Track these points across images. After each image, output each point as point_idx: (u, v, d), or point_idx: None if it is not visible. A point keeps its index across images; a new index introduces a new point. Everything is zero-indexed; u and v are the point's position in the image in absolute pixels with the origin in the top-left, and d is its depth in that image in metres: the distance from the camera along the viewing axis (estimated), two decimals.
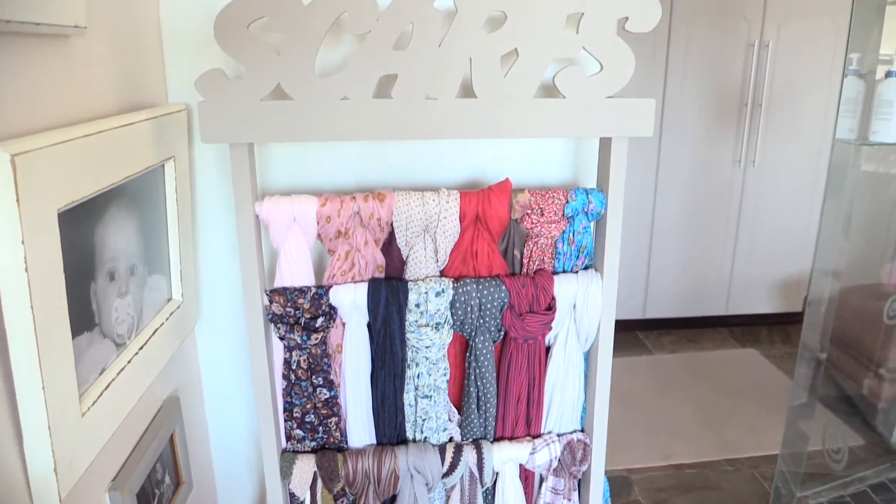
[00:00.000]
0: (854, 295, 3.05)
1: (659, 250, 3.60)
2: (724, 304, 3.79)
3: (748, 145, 3.51)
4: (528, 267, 1.33)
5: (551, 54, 1.18)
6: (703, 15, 3.30)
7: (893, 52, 3.32)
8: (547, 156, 1.42)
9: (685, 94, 3.39)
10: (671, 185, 3.52)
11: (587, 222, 1.31)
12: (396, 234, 1.28)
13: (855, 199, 2.83)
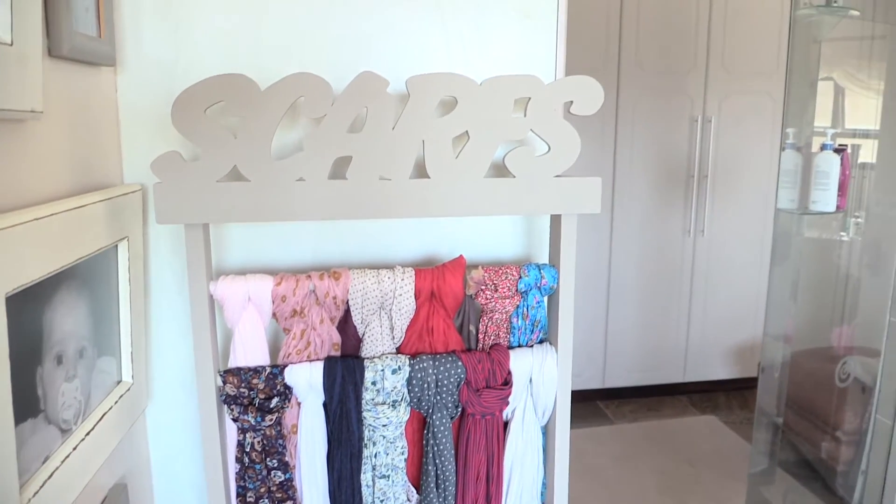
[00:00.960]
0: (806, 359, 3.13)
1: (616, 320, 3.66)
2: (682, 371, 3.84)
3: (696, 216, 3.64)
4: (484, 342, 1.34)
5: (501, 136, 1.23)
6: (648, 93, 3.47)
7: (827, 124, 3.52)
8: (500, 232, 1.46)
9: (634, 168, 3.52)
10: (625, 255, 3.61)
11: (540, 297, 1.34)
12: (352, 311, 1.29)
13: (800, 265, 2.94)
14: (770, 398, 2.76)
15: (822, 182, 2.22)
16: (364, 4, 1.34)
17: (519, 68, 1.42)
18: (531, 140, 1.30)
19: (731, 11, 3.52)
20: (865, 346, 2.84)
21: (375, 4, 1.35)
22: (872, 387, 2.68)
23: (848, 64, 3.47)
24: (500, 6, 1.40)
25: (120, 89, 1.31)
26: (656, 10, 3.42)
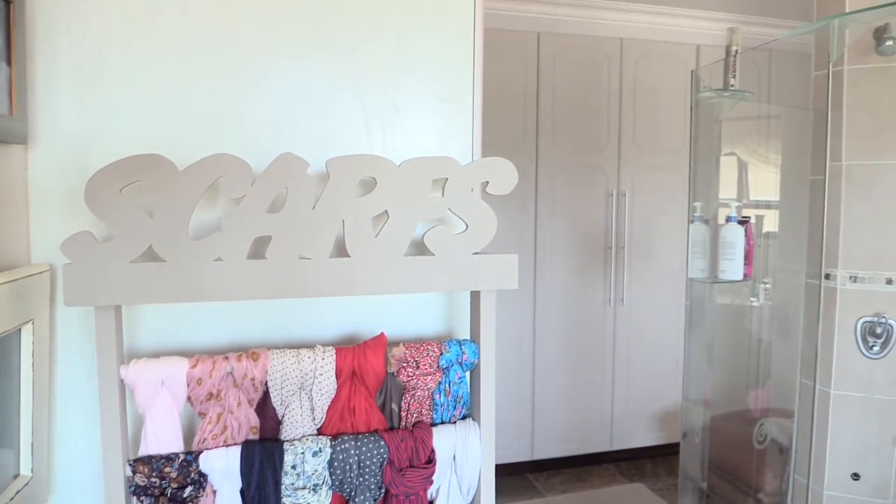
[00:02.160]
0: (726, 422, 3.22)
1: (542, 390, 3.69)
2: (609, 439, 3.87)
3: (616, 286, 3.76)
4: (407, 420, 1.33)
5: (420, 216, 1.25)
6: (565, 169, 3.62)
7: (732, 196, 3.73)
8: (421, 309, 1.47)
9: (555, 241, 3.63)
10: (549, 326, 3.67)
11: (462, 372, 1.34)
12: (271, 393, 1.26)
13: (715, 331, 3.05)
14: (693, 463, 2.81)
15: (728, 252, 2.34)
16: (285, 86, 1.37)
17: (438, 149, 1.46)
18: (450, 219, 1.34)
19: (639, 92, 3.75)
20: (780, 407, 2.95)
21: (296, 86, 1.38)
22: (789, 447, 2.78)
23: (749, 140, 3.73)
24: (418, 89, 1.45)
25: (31, 167, 1.28)
26: (570, 90, 3.60)
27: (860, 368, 2.58)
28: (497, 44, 3.46)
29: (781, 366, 2.95)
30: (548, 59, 3.56)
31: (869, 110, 2.51)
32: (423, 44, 1.46)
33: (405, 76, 1.45)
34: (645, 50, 3.73)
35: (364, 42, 1.41)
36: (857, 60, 2.51)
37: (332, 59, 1.39)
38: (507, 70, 3.51)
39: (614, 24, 3.65)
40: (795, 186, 2.81)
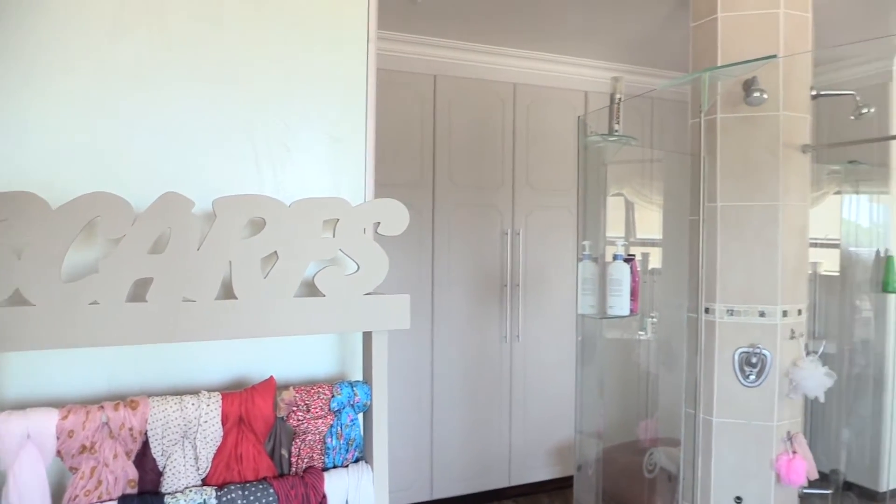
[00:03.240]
0: (618, 453, 3.31)
1: (441, 429, 3.68)
2: (507, 475, 3.90)
3: (512, 322, 3.84)
4: (297, 466, 1.29)
5: (310, 256, 1.24)
6: (461, 207, 3.68)
7: (620, 235, 3.91)
8: (312, 351, 1.45)
9: (452, 278, 3.67)
10: (447, 363, 3.68)
11: (354, 415, 1.32)
12: (151, 443, 1.20)
13: (606, 365, 3.16)
14: (588, 495, 2.87)
15: (615, 289, 2.44)
16: (171, 123, 1.33)
17: (330, 189, 1.45)
18: (341, 259, 1.33)
19: (532, 135, 3.89)
20: (668, 436, 3.06)
21: (183, 124, 1.34)
22: (677, 475, 2.89)
23: (634, 182, 3.93)
24: (310, 129, 1.45)
25: None
26: (466, 131, 3.69)
27: (739, 396, 2.72)
28: (394, 85, 3.51)
29: (668, 396, 3.08)
30: (444, 101, 3.64)
31: (740, 155, 2.71)
32: (316, 83, 1.46)
33: (297, 115, 1.45)
34: (537, 95, 3.88)
35: (255, 79, 1.40)
36: (729, 110, 2.71)
37: (221, 94, 1.37)
38: (405, 111, 3.56)
39: (508, 69, 3.79)
40: (676, 226, 2.97)
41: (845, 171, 3.76)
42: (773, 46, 2.54)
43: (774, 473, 2.72)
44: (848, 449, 3.99)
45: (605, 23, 3.32)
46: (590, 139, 2.64)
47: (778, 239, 2.69)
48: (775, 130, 2.68)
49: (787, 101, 2.68)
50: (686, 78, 2.66)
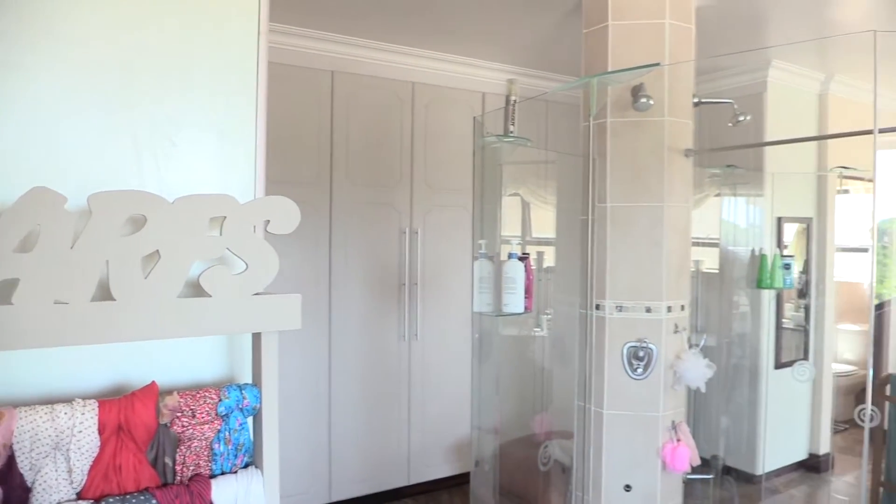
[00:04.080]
0: (514, 448, 3.38)
1: (339, 430, 3.64)
2: (406, 474, 3.90)
3: (410, 321, 3.84)
4: (182, 474, 1.24)
5: (195, 255, 1.19)
6: (359, 206, 3.64)
7: (515, 234, 3.99)
8: (198, 354, 1.39)
9: (350, 277, 3.63)
10: (344, 363, 3.64)
11: (243, 419, 1.28)
12: (18, 457, 1.11)
13: (502, 361, 3.22)
14: (486, 490, 2.91)
15: (510, 287, 2.49)
16: (43, 115, 1.24)
17: (219, 186, 1.40)
18: (229, 258, 1.29)
19: (430, 134, 3.91)
20: (562, 429, 3.15)
21: (58, 115, 1.25)
22: (570, 466, 2.97)
23: (530, 183, 4.02)
24: (197, 123, 1.39)
25: None
26: (364, 128, 3.66)
27: (627, 389, 2.84)
28: (291, 80, 3.43)
29: (562, 390, 3.17)
30: (342, 98, 3.59)
31: (628, 158, 2.82)
32: (204, 76, 1.41)
33: (183, 109, 1.38)
34: (435, 94, 3.90)
35: (138, 69, 1.33)
36: (619, 114, 2.81)
37: (100, 84, 1.29)
38: (302, 107, 3.49)
39: (406, 68, 3.79)
40: (569, 225, 3.06)
41: (724, 174, 4.00)
42: (659, 55, 2.66)
43: (660, 461, 2.85)
44: (727, 435, 4.25)
45: (502, 26, 3.38)
46: (486, 140, 2.68)
47: (663, 238, 2.82)
48: (660, 135, 2.80)
49: (672, 107, 2.81)
50: (576, 82, 2.74)
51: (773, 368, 4.29)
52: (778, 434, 4.37)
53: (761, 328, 4.23)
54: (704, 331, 4.11)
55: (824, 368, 4.56)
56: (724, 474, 4.17)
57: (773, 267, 3.82)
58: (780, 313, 4.31)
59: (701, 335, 3.93)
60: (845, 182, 4.71)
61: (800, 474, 4.53)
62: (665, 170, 2.81)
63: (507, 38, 3.61)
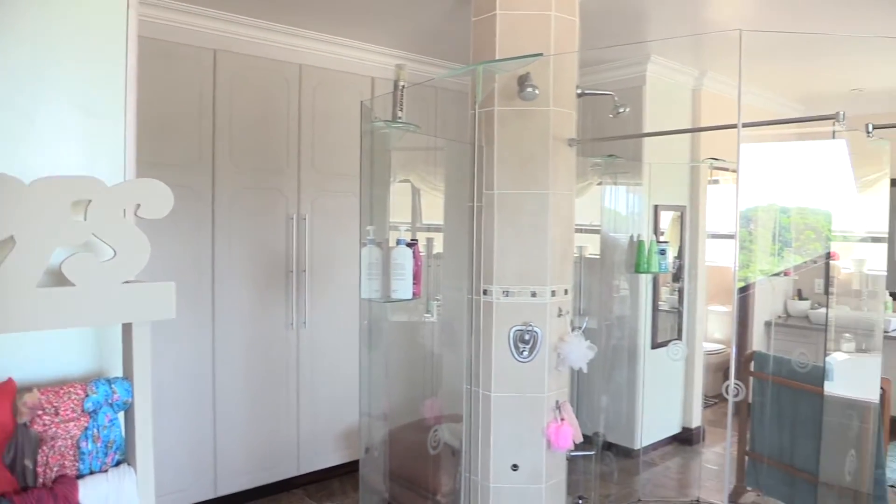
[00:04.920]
0: (403, 433, 3.40)
1: (224, 422, 3.52)
2: (296, 464, 3.84)
3: (298, 309, 3.76)
4: (45, 476, 1.16)
5: (56, 242, 1.11)
6: (244, 191, 3.52)
7: (404, 220, 3.98)
8: (63, 347, 1.30)
9: (235, 264, 3.50)
10: (230, 353, 3.52)
11: (113, 414, 1.21)
12: None
13: (392, 348, 3.22)
14: (376, 476, 2.92)
15: (399, 273, 2.49)
16: None
17: (85, 168, 1.31)
18: (95, 245, 1.21)
19: (318, 118, 3.82)
20: (452, 413, 3.20)
21: None
22: (460, 449, 3.02)
23: (420, 169, 4.03)
24: (58, 100, 1.29)
25: None
26: (249, 111, 3.53)
27: (513, 371, 2.91)
28: (169, 57, 3.26)
29: (451, 375, 3.21)
30: (225, 78, 3.45)
31: (514, 146, 2.88)
32: (66, 51, 1.30)
33: (42, 85, 1.28)
34: (323, 77, 3.82)
35: None
36: (506, 103, 2.86)
37: None
38: (182, 86, 3.32)
39: (294, 49, 3.69)
40: (458, 212, 3.09)
41: (605, 164, 4.16)
42: (544, 46, 2.72)
43: (545, 440, 2.95)
44: (607, 413, 4.46)
45: (393, 10, 3.35)
46: (374, 125, 2.65)
47: (548, 225, 2.91)
48: (546, 124, 2.88)
49: (556, 97, 2.89)
50: (463, 69, 2.77)
51: (650, 348, 4.53)
52: (654, 410, 4.63)
53: (639, 310, 4.46)
54: (586, 314, 4.28)
55: (696, 347, 4.87)
56: (604, 450, 4.37)
57: (650, 252, 4.02)
58: (657, 296, 4.56)
59: (583, 318, 4.09)
60: (715, 173, 5.03)
61: (674, 447, 4.83)
62: (550, 158, 2.88)
63: (397, 24, 3.59)
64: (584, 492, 3.70)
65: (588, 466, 3.94)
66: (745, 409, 3.96)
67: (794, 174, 4.19)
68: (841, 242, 4.93)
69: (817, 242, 4.70)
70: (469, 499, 3.03)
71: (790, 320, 5.83)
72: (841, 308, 5.33)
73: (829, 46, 3.95)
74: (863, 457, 3.03)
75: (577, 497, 3.22)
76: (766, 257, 4.75)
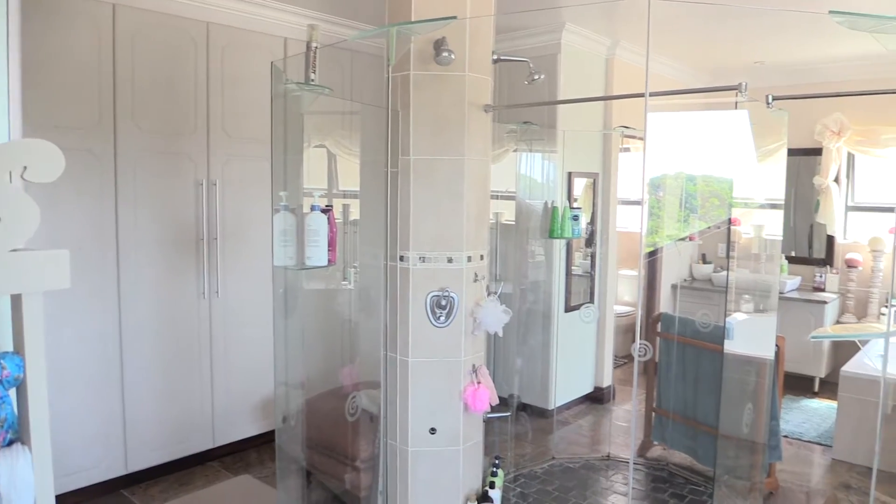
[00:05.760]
0: (321, 401, 3.38)
1: (134, 397, 3.39)
2: (211, 436, 3.75)
3: (210, 278, 3.64)
4: None
5: None
6: (149, 155, 3.34)
7: (320, 186, 3.91)
8: None
9: (141, 232, 3.34)
10: (138, 326, 3.37)
11: (3, 391, 1.14)
12: None
13: (308, 316, 3.17)
14: (294, 445, 2.89)
15: (313, 239, 2.44)
16: None
17: None
18: None
19: (227, 79, 3.66)
20: (369, 380, 3.20)
21: None
22: (378, 414, 3.04)
23: (336, 134, 3.95)
24: None
25: None
26: (154, 71, 3.33)
27: (431, 337, 2.93)
28: (62, 12, 3.04)
29: (369, 342, 3.21)
30: (126, 36, 3.25)
31: (430, 112, 2.85)
32: None
33: None
34: (233, 37, 3.66)
35: None
36: (422, 67, 2.83)
37: None
38: (77, 43, 3.11)
39: (200, 6, 3.50)
40: (374, 178, 3.06)
41: (521, 130, 4.20)
42: (460, 9, 2.70)
43: (462, 403, 3.00)
44: (522, 375, 4.57)
45: None
46: (286, 87, 2.57)
47: (464, 191, 2.91)
48: (462, 90, 2.87)
49: (472, 63, 2.88)
50: (375, 30, 2.70)
51: (563, 312, 4.66)
52: (567, 371, 4.78)
53: (553, 275, 4.56)
54: (502, 279, 4.36)
55: (607, 310, 5.04)
56: (520, 411, 4.49)
57: (564, 218, 4.11)
58: (570, 261, 4.68)
59: (499, 283, 4.16)
60: (626, 140, 5.17)
61: (586, 406, 5.01)
62: (466, 124, 2.88)
63: None
64: (500, 452, 3.80)
65: (504, 427, 4.04)
66: (653, 367, 4.14)
67: (701, 143, 4.35)
68: (742, 209, 5.17)
69: (721, 209, 4.92)
70: (388, 463, 3.05)
71: (695, 283, 6.11)
72: (741, 271, 5.61)
73: (734, 19, 4.09)
74: (759, 409, 3.22)
75: (493, 457, 3.30)
76: (673, 223, 4.93)
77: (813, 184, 5.59)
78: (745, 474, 3.29)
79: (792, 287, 5.61)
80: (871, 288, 5.43)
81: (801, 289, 5.70)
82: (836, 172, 5.50)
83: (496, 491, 3.15)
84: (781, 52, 4.98)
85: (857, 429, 3.98)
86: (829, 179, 5.49)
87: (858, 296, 5.53)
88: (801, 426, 4.63)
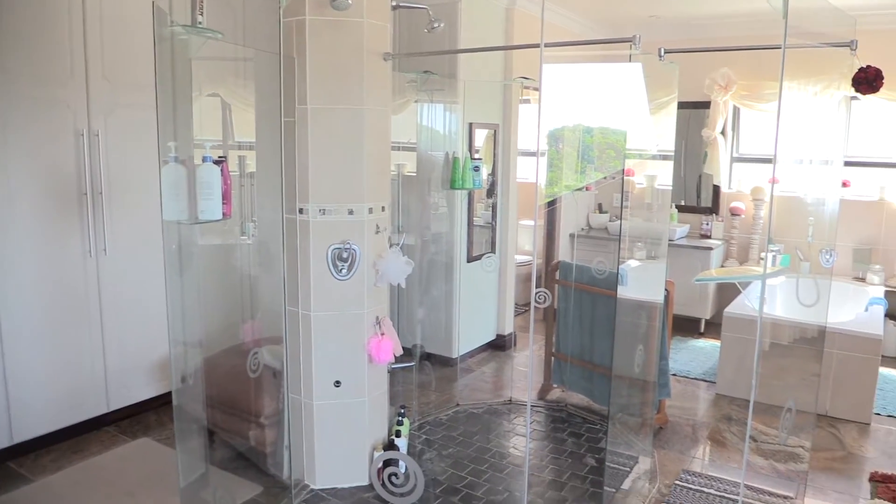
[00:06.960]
0: (222, 359, 3.30)
1: (16, 364, 3.17)
2: (105, 400, 3.58)
3: (96, 235, 3.41)
4: None
5: None
6: (21, 104, 3.03)
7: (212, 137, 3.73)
8: None
9: (15, 188, 3.06)
10: (16, 288, 3.13)
11: None
12: None
13: (204, 272, 3.07)
14: (195, 405, 2.82)
15: (206, 192, 2.33)
16: None
17: None
18: None
19: (107, 20, 3.35)
20: (271, 335, 3.15)
21: None
22: (281, 370, 3.00)
23: (230, 82, 3.77)
24: None
25: None
26: (19, 7, 3.01)
27: (333, 290, 2.91)
28: None
29: (270, 297, 3.15)
30: None
31: (327, 59, 2.77)
32: None
33: None
34: None
35: None
36: (317, 12, 2.73)
37: None
38: None
39: None
40: (270, 128, 2.96)
41: (421, 80, 4.15)
42: None
43: (367, 355, 3.01)
44: (426, 325, 4.63)
45: None
46: (172, 29, 2.42)
47: (363, 142, 2.87)
48: (360, 36, 2.80)
49: (370, 8, 2.81)
50: None
51: (466, 262, 4.72)
52: (470, 320, 4.88)
53: (455, 226, 4.60)
54: (404, 230, 4.36)
55: (508, 260, 5.15)
56: (424, 360, 4.57)
57: (465, 169, 4.13)
58: (472, 212, 4.73)
59: (401, 234, 4.16)
60: (526, 92, 5.21)
61: (489, 353, 5.14)
62: (365, 72, 2.82)
63: None
64: (405, 401, 3.85)
65: (409, 377, 4.10)
66: (552, 314, 4.28)
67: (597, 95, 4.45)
68: (636, 160, 5.35)
69: (617, 160, 5.08)
70: (292, 418, 3.04)
71: (592, 232, 6.33)
72: (634, 220, 5.86)
73: None
74: (649, 351, 3.40)
75: (399, 407, 3.35)
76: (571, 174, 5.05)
77: (701, 136, 5.85)
78: (637, 411, 3.49)
79: (681, 235, 5.91)
80: (752, 234, 5.80)
81: (689, 236, 6.01)
82: (723, 125, 5.77)
83: (402, 439, 3.20)
84: (675, 6, 5.13)
85: (737, 365, 4.29)
86: (717, 132, 5.77)
87: (741, 242, 5.90)
88: (689, 365, 4.94)
